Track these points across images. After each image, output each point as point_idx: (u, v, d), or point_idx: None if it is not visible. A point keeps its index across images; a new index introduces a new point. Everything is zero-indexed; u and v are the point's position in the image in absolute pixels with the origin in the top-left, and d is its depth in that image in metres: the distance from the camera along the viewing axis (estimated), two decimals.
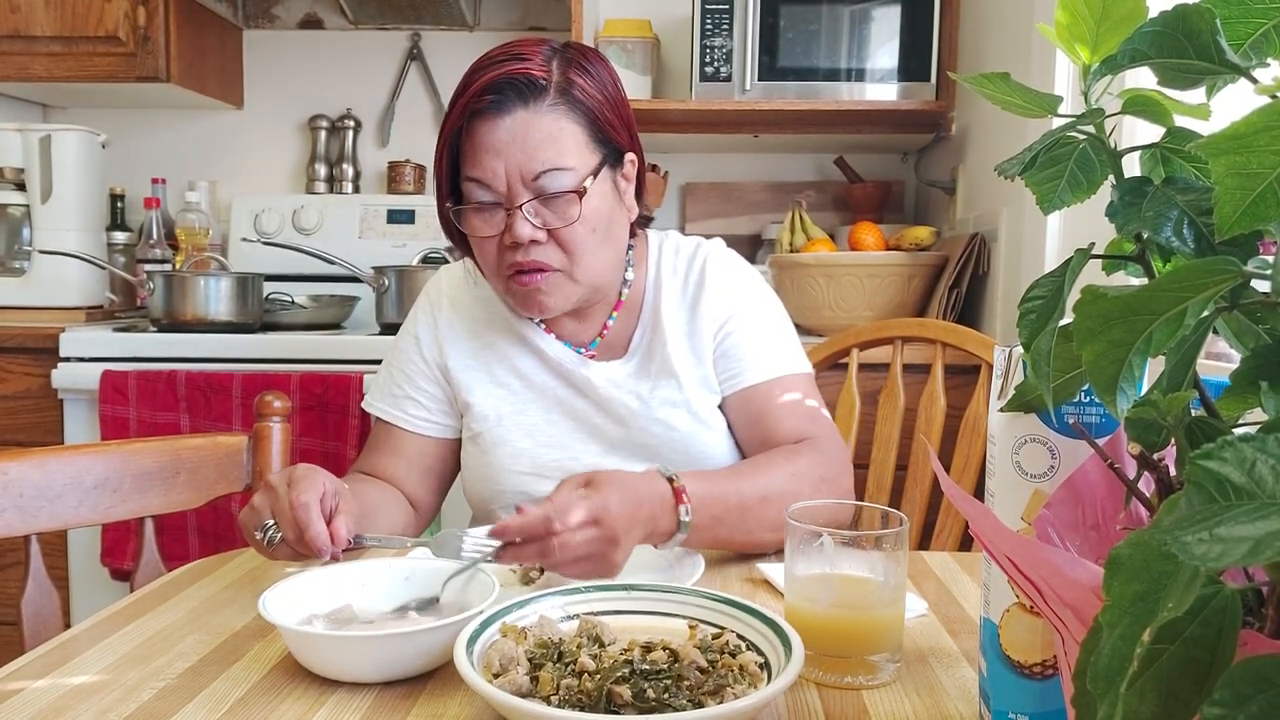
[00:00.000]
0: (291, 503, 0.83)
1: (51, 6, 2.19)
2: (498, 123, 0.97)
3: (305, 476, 0.86)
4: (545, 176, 0.97)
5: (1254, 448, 0.30)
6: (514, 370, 1.13)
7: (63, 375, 1.91)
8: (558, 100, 0.98)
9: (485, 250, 1.03)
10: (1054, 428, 0.54)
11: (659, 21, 2.36)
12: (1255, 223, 0.35)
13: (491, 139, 0.97)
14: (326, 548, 0.82)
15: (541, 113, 0.97)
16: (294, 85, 2.61)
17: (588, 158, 1.00)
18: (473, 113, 0.97)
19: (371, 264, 2.15)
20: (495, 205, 0.99)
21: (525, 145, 0.97)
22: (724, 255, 1.15)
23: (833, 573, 0.71)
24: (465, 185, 1.01)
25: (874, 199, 2.43)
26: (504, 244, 1.00)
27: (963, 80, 0.49)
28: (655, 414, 1.09)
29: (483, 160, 0.98)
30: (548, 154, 0.97)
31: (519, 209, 0.98)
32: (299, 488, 0.84)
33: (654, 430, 1.09)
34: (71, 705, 0.64)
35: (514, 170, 0.97)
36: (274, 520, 0.85)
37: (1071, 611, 0.43)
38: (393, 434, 1.14)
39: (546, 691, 0.59)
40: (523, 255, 1.00)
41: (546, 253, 1.00)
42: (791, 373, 1.10)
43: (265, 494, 0.87)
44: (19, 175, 2.19)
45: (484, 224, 1.01)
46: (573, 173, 0.99)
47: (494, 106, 0.97)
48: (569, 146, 0.98)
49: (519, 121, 0.97)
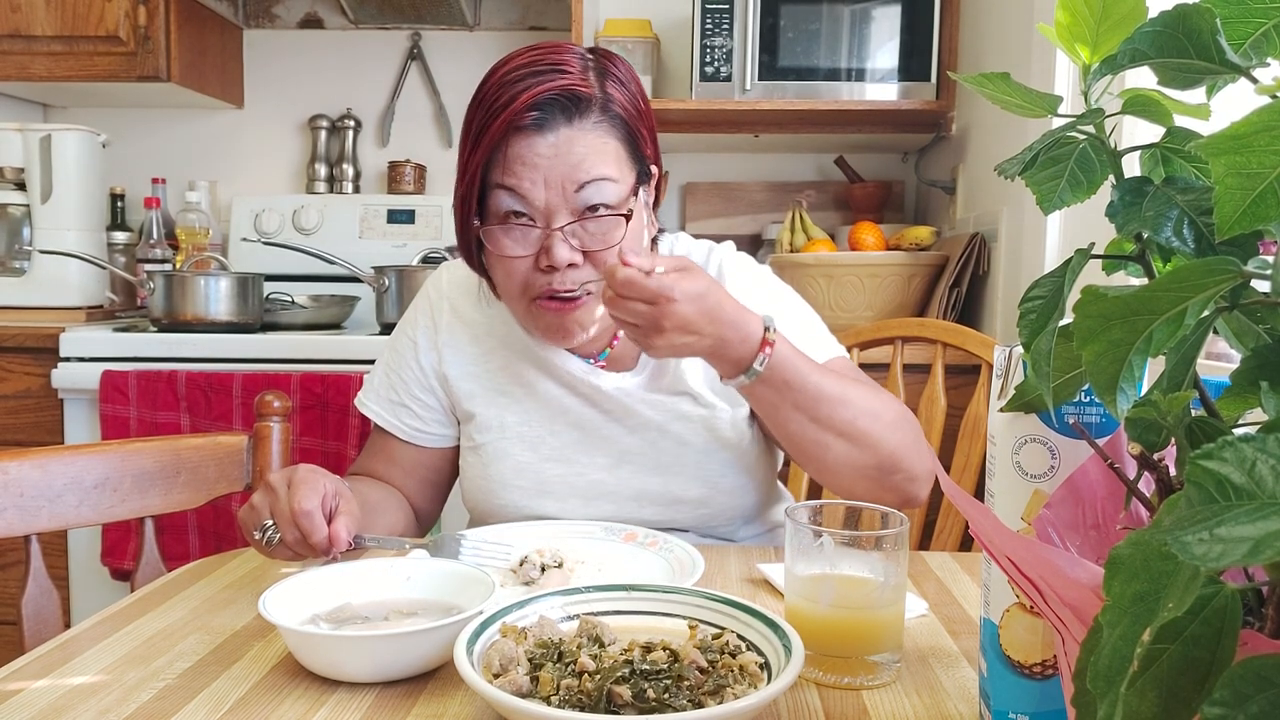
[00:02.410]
0: (293, 509, 0.83)
1: (52, 6, 2.19)
2: (539, 139, 0.93)
3: (306, 480, 0.85)
4: (589, 187, 0.93)
5: (1254, 448, 0.30)
6: (518, 379, 1.09)
7: (63, 375, 1.92)
8: (601, 117, 0.95)
9: (512, 271, 0.97)
10: (1054, 428, 0.54)
11: (659, 21, 2.36)
12: (1255, 223, 0.35)
13: (531, 153, 0.93)
14: (327, 552, 0.83)
15: (586, 130, 0.94)
16: (294, 85, 2.61)
17: (628, 174, 0.97)
18: (514, 128, 0.92)
19: (371, 264, 2.15)
20: (529, 223, 0.95)
21: (569, 159, 0.93)
22: (739, 258, 1.12)
23: (833, 573, 0.71)
24: (496, 195, 0.95)
25: (874, 199, 2.43)
26: (537, 265, 0.96)
27: (963, 80, 0.49)
28: (668, 428, 1.06)
29: (520, 172, 0.93)
30: (593, 164, 0.93)
31: (559, 230, 0.94)
32: (300, 492, 0.84)
33: (665, 445, 1.05)
34: (71, 705, 0.64)
35: (555, 186, 0.93)
36: (273, 521, 0.85)
37: (1071, 611, 0.43)
38: (389, 443, 1.13)
39: (546, 692, 0.59)
40: (559, 281, 0.95)
41: (582, 276, 0.96)
42: (834, 355, 1.07)
43: (265, 494, 0.87)
44: (19, 175, 2.19)
45: (514, 243, 0.96)
46: (617, 185, 0.95)
47: (536, 123, 0.92)
48: (611, 161, 0.95)
49: (563, 139, 0.93)
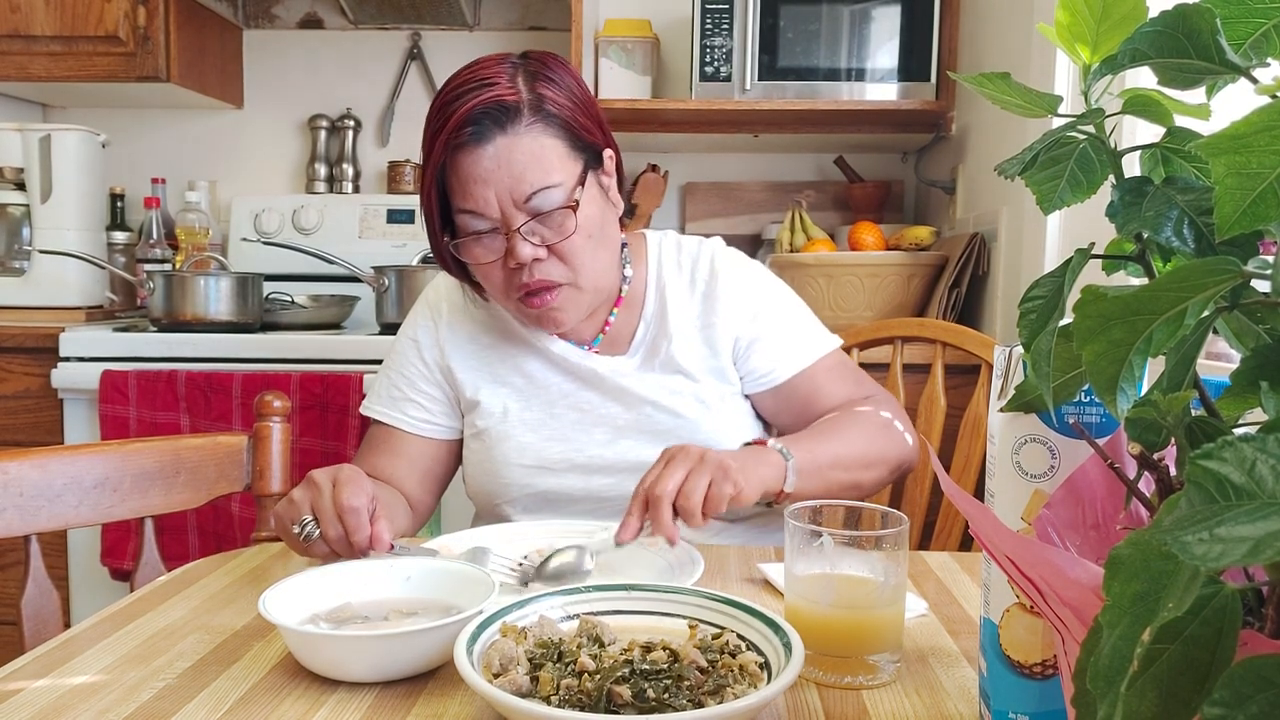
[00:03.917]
0: (341, 505, 0.84)
1: (51, 6, 2.19)
2: (480, 152, 0.98)
3: (353, 479, 0.86)
4: (536, 197, 0.99)
5: (1254, 448, 0.30)
6: (518, 370, 1.14)
7: (63, 375, 1.92)
8: (533, 119, 0.99)
9: (490, 275, 1.04)
10: (1054, 428, 0.54)
11: (659, 21, 2.36)
12: (1255, 223, 0.35)
13: (477, 169, 0.98)
14: (365, 553, 0.84)
15: (520, 135, 0.98)
16: (294, 85, 2.61)
17: (571, 168, 1.01)
18: (454, 147, 0.98)
19: (371, 264, 2.15)
20: (493, 232, 1.00)
21: (511, 170, 0.98)
22: (731, 252, 1.18)
23: (833, 573, 0.71)
24: (459, 218, 1.01)
25: (874, 199, 2.43)
26: (507, 266, 1.02)
27: (963, 80, 0.49)
28: (664, 401, 1.11)
29: (472, 191, 0.99)
30: (534, 175, 0.98)
31: (517, 231, 0.99)
32: (347, 490, 0.85)
33: (661, 417, 1.10)
34: (71, 705, 0.64)
35: (504, 195, 0.98)
36: (313, 517, 0.85)
37: (1071, 611, 0.43)
38: (393, 436, 1.15)
39: (546, 691, 0.59)
40: (528, 275, 1.01)
41: (549, 268, 1.02)
42: (827, 351, 1.15)
43: (307, 489, 0.87)
44: (19, 175, 2.19)
45: (484, 251, 1.02)
46: (561, 188, 1.00)
47: (473, 138, 0.97)
48: (553, 162, 0.99)
49: (500, 148, 0.97)
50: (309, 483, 0.88)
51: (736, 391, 1.14)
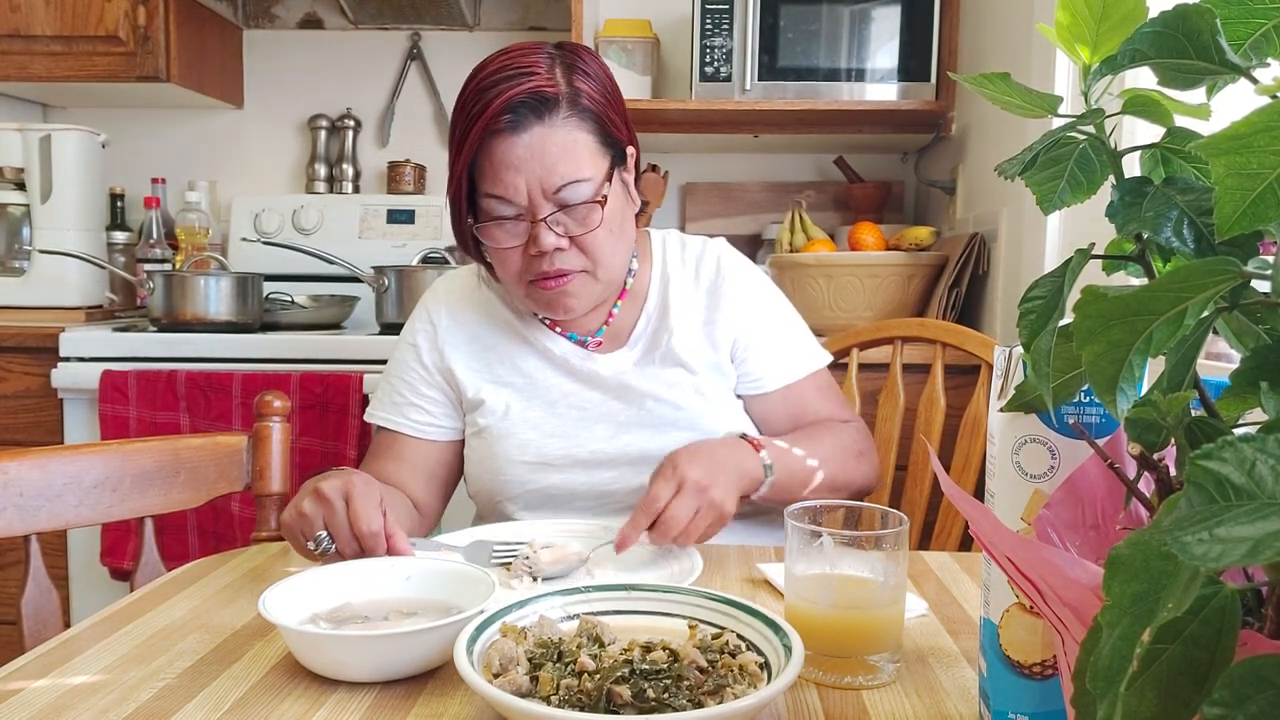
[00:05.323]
0: (359, 531, 0.83)
1: (51, 6, 2.19)
2: (515, 140, 0.98)
3: (365, 495, 0.85)
4: (565, 189, 1.00)
5: (1254, 448, 0.30)
6: (518, 370, 1.14)
7: (62, 375, 1.91)
8: (570, 112, 1.00)
9: (508, 259, 1.04)
10: (1054, 428, 0.54)
11: (659, 21, 2.35)
12: (1255, 223, 0.35)
13: (510, 156, 0.99)
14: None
15: (556, 126, 0.99)
16: (294, 85, 2.61)
17: (600, 163, 1.03)
18: (491, 133, 0.98)
19: (371, 264, 2.15)
20: (517, 218, 1.01)
21: (544, 160, 0.99)
22: (736, 254, 1.20)
23: (833, 573, 0.71)
24: (485, 201, 1.02)
25: (874, 199, 2.43)
26: (528, 253, 1.03)
27: (963, 80, 0.49)
28: (664, 394, 1.11)
29: (503, 177, 0.99)
30: (566, 168, 0.99)
31: (543, 221, 1.00)
32: (363, 512, 0.83)
33: (662, 410, 1.11)
34: (71, 705, 0.64)
35: (535, 184, 0.99)
36: (326, 532, 0.85)
37: (1071, 611, 0.43)
38: (396, 440, 1.15)
39: (546, 691, 0.59)
40: (547, 264, 1.02)
41: (569, 258, 1.03)
42: (819, 366, 1.19)
43: (317, 504, 0.85)
44: (19, 175, 2.19)
45: (507, 235, 1.03)
46: (590, 182, 1.01)
47: (510, 125, 0.98)
48: (584, 157, 1.01)
49: (536, 137, 0.98)
50: (320, 498, 0.85)
51: (732, 387, 1.16)
